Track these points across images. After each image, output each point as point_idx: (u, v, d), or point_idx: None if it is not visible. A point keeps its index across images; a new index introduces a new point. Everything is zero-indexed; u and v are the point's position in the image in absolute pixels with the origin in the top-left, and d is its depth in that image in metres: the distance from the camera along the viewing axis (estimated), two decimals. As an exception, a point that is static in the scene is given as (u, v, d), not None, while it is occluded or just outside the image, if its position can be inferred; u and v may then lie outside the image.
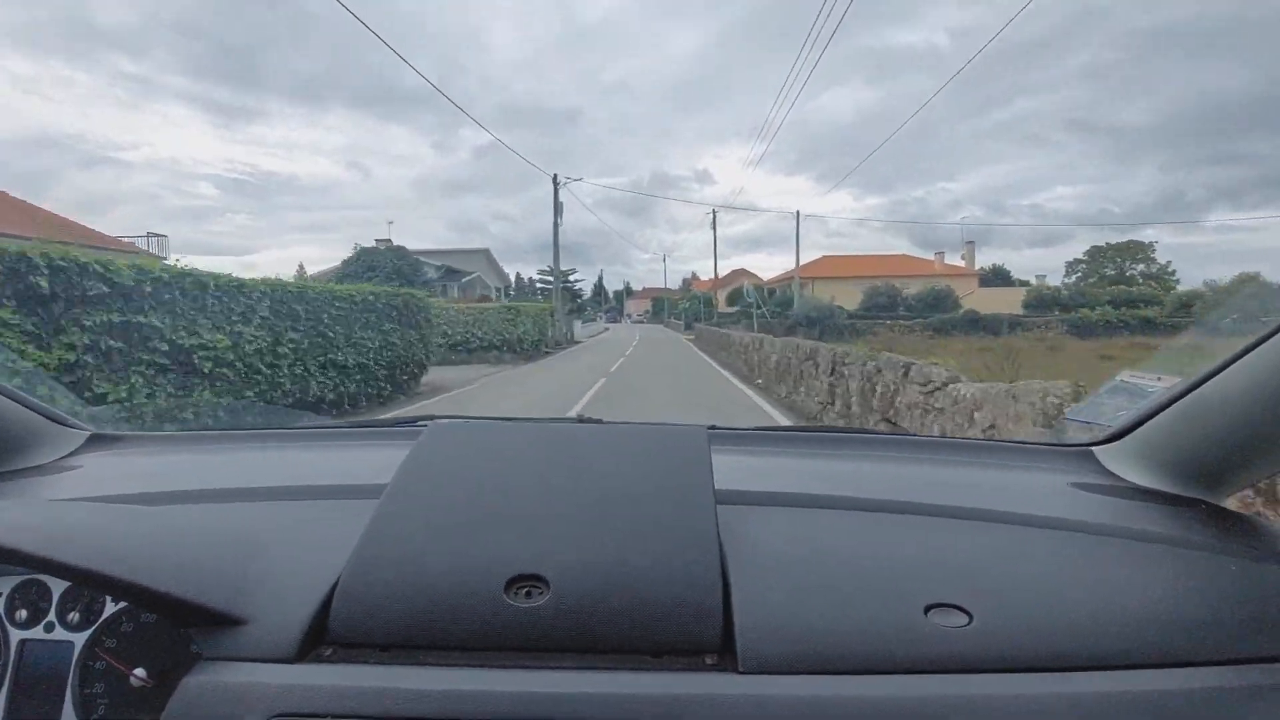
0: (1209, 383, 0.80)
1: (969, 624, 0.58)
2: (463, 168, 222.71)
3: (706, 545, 0.63)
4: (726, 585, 0.61)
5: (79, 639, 0.66)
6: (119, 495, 0.83)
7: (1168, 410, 0.88)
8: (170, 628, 0.65)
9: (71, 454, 1.05)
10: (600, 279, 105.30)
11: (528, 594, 0.59)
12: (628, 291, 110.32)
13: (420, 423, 1.25)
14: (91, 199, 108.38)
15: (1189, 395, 0.84)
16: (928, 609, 0.59)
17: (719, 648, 0.57)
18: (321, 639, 0.58)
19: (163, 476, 0.94)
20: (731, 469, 0.82)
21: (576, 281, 63.71)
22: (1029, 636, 0.57)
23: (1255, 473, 0.87)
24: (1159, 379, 1.06)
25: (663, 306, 73.87)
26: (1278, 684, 0.55)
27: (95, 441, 1.10)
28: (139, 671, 0.64)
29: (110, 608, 0.67)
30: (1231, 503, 0.92)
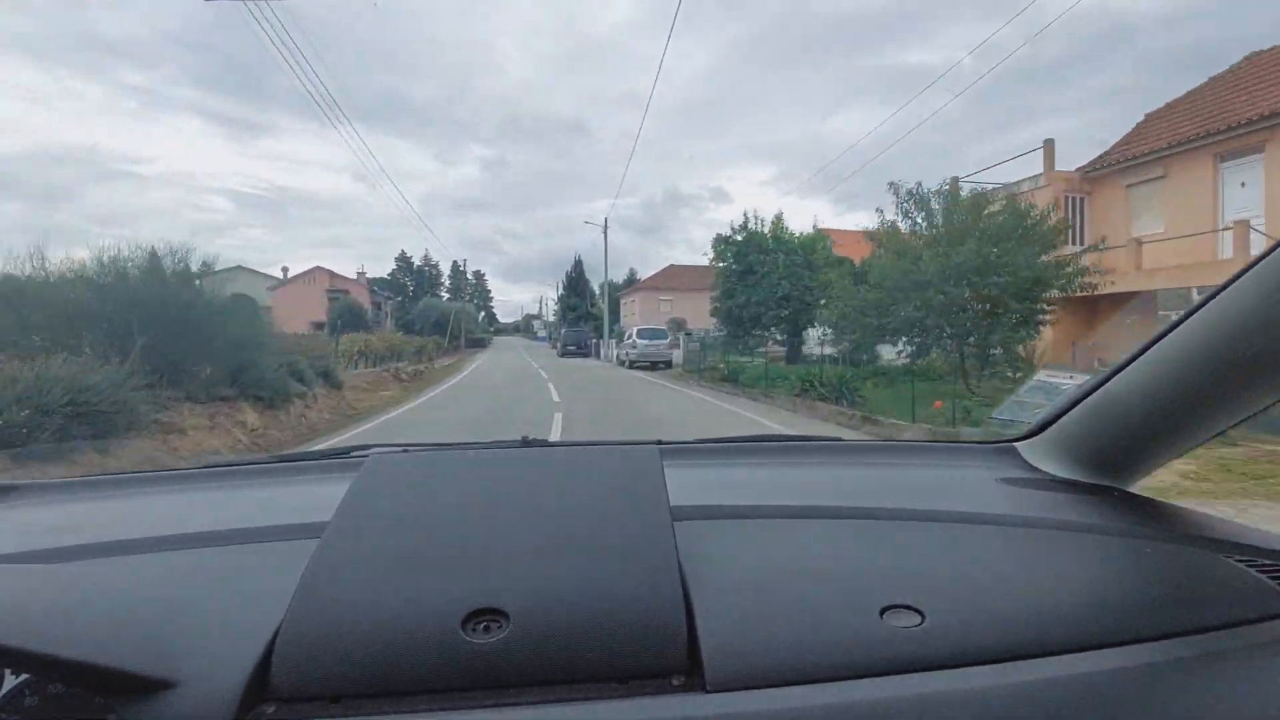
0: (1114, 379, 0.87)
1: (922, 623, 0.60)
2: (472, 185, 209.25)
3: (667, 565, 0.63)
4: (688, 604, 0.61)
5: None
6: (17, 553, 0.75)
7: (1080, 405, 0.95)
8: (84, 698, 0.58)
9: None
10: (579, 265, 61.36)
11: (486, 629, 0.57)
12: (629, 282, 54.49)
13: (353, 454, 1.20)
14: (112, 214, 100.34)
15: (1098, 391, 0.91)
16: (883, 611, 0.61)
17: (685, 668, 0.57)
18: (262, 696, 0.54)
19: (68, 529, 0.85)
20: (683, 484, 0.83)
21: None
22: (977, 631, 0.60)
23: (1158, 459, 0.95)
24: (1071, 377, 1.15)
25: (738, 302, 20.54)
26: (1200, 655, 0.59)
27: None
28: None
29: (10, 680, 0.60)
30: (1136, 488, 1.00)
